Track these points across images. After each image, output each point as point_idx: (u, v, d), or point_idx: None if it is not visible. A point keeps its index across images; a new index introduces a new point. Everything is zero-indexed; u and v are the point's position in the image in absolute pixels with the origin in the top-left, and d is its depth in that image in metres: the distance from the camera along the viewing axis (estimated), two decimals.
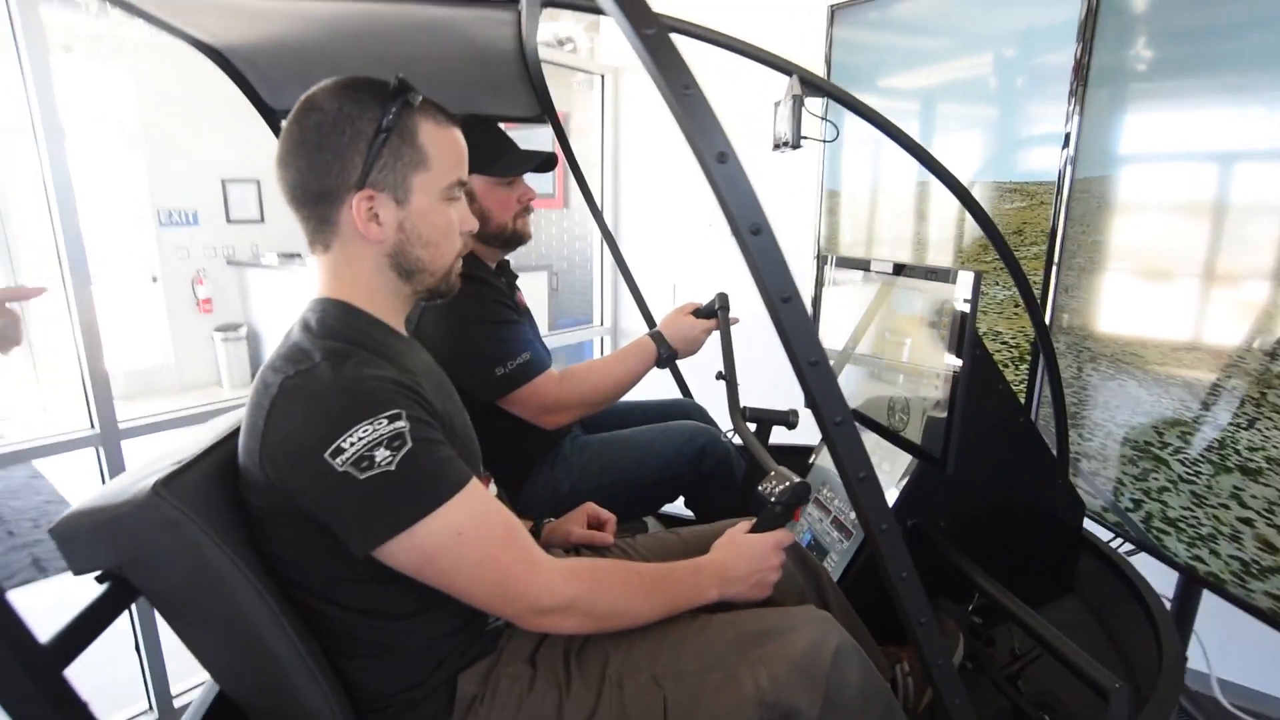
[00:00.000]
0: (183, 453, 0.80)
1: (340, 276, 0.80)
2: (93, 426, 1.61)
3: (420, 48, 1.28)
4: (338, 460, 0.66)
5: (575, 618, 0.77)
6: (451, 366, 0.97)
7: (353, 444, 0.66)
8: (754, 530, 0.93)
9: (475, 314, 1.25)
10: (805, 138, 1.17)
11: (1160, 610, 1.19)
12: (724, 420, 1.57)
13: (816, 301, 1.47)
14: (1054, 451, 1.34)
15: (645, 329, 1.58)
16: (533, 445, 1.38)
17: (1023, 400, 1.76)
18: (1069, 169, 1.59)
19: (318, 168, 0.76)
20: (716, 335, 1.44)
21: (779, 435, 1.61)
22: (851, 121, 2.11)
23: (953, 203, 1.88)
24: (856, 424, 1.39)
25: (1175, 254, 1.37)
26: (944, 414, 1.08)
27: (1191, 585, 1.42)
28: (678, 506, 1.61)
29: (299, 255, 4.98)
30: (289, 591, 0.77)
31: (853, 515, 1.28)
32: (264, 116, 1.49)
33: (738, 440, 1.39)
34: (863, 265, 1.31)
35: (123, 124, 4.85)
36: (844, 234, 2.30)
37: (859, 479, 0.63)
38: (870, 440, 1.34)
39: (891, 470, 1.25)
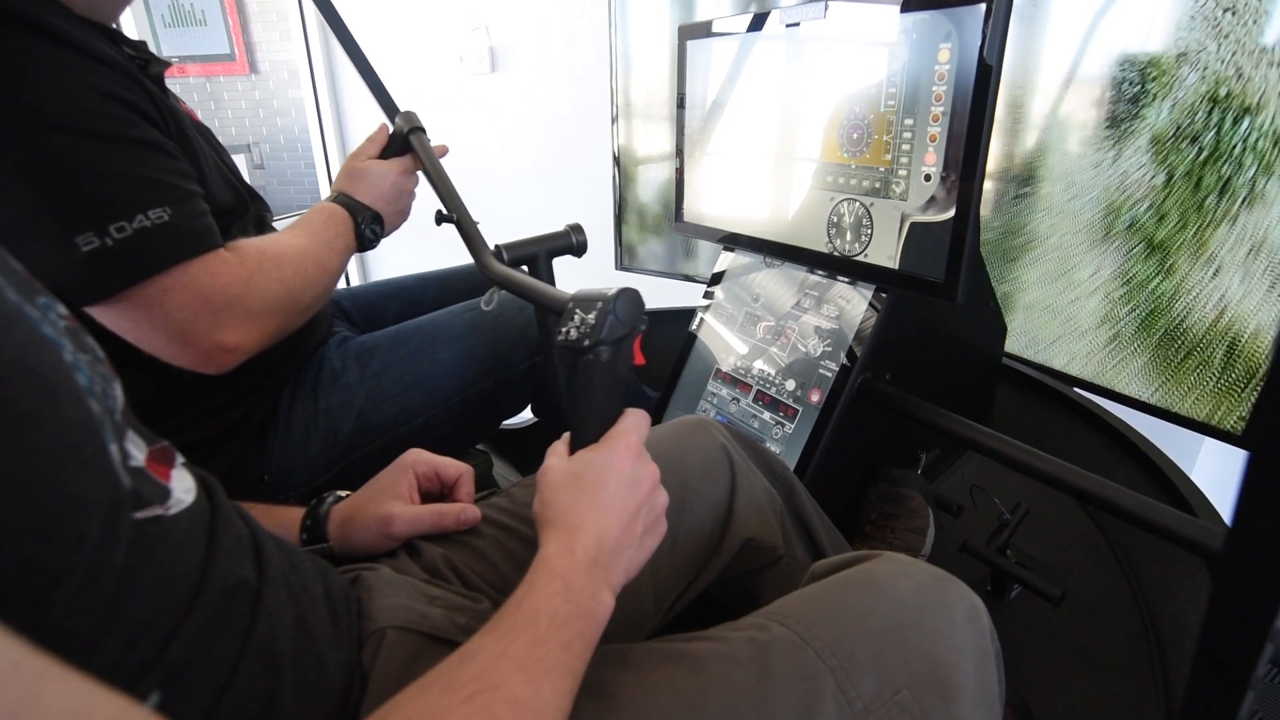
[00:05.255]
0: None
1: None
2: None
3: None
4: None
5: None
6: None
7: None
8: (580, 428, 0.48)
9: (36, 110, 0.54)
10: None
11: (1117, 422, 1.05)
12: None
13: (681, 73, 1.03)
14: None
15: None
16: (268, 361, 0.76)
17: None
18: None
19: None
20: None
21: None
22: None
23: None
24: (778, 263, 1.04)
25: None
26: (942, 215, 0.73)
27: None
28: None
29: None
30: None
31: (791, 386, 0.92)
32: None
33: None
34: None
35: None
36: None
37: None
38: (788, 282, 0.97)
39: (813, 329, 0.91)
